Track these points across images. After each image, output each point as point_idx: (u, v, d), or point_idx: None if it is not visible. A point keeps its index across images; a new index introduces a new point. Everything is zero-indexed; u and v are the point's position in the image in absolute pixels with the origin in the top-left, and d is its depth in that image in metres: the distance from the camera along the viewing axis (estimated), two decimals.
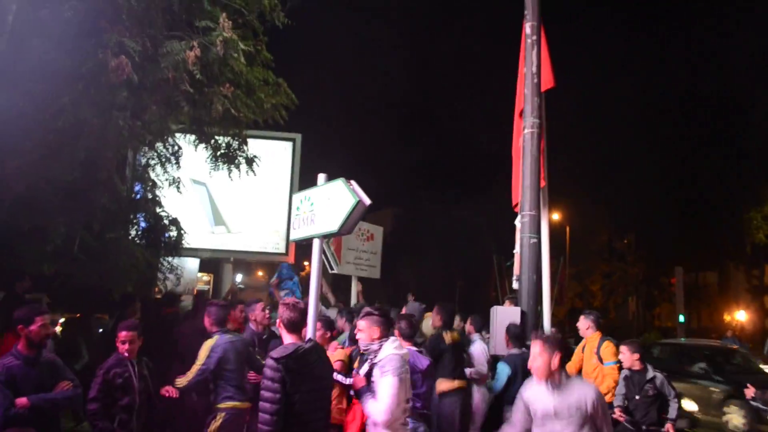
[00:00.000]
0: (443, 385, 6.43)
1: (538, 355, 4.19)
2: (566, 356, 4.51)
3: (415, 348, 5.48)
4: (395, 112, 64.38)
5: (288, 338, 4.11)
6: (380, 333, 4.42)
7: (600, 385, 6.93)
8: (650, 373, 6.67)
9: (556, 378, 4.14)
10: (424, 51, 67.42)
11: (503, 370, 6.82)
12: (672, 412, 6.61)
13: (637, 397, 6.64)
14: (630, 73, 57.14)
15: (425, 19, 68.65)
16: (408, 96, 67.65)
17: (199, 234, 12.81)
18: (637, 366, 6.68)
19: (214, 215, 13.50)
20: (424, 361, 5.42)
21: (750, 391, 6.90)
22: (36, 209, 6.72)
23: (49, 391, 4.49)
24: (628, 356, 6.71)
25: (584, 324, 7.48)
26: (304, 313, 4.21)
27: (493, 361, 7.30)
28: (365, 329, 4.46)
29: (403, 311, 7.20)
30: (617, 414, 6.61)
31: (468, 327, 7.77)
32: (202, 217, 13.36)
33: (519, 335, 7.01)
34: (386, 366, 4.19)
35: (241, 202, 13.32)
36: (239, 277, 20.71)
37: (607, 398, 6.90)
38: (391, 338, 4.50)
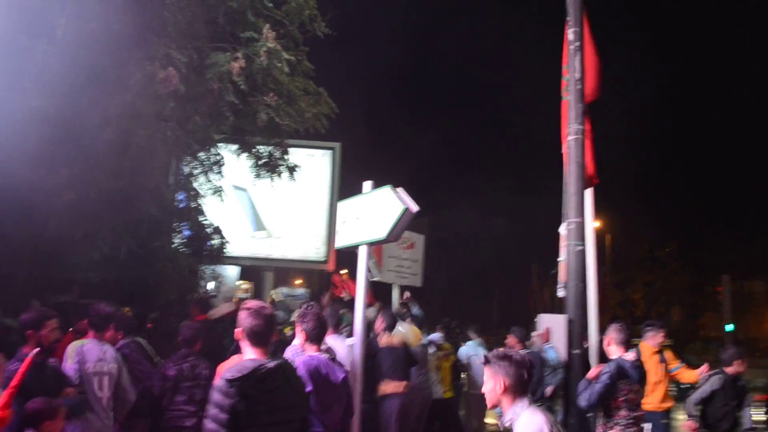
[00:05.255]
0: (386, 386, 6.58)
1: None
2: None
3: (326, 356, 4.63)
4: (435, 121, 64.38)
5: (250, 352, 3.26)
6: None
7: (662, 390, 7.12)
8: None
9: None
10: (468, 58, 67.22)
11: None
12: (747, 422, 6.44)
13: (731, 404, 6.44)
14: (674, 75, 56.30)
15: (475, 26, 68.40)
16: (449, 105, 67.61)
17: (240, 239, 12.93)
18: (742, 371, 6.52)
19: (255, 220, 13.60)
20: (339, 374, 4.48)
21: None
22: (85, 217, 6.85)
23: (54, 398, 4.35)
24: (738, 364, 6.53)
25: (662, 337, 7.42)
26: (270, 321, 3.28)
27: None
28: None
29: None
30: (691, 427, 6.45)
31: (510, 340, 7.72)
32: (243, 222, 13.45)
33: (525, 336, 7.43)
34: None
35: (281, 207, 13.34)
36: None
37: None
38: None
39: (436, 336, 9.07)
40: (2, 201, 6.37)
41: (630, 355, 5.13)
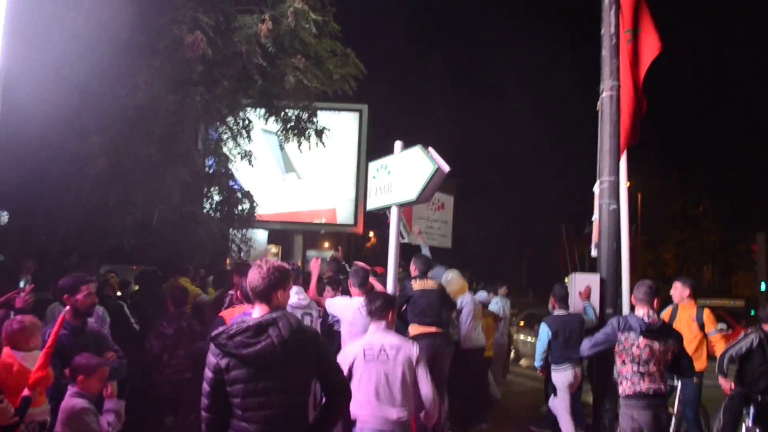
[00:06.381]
0: (412, 329, 6.64)
1: None
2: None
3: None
4: (461, 79, 63.27)
5: (253, 309, 3.18)
6: None
7: (706, 353, 7.00)
8: None
9: None
10: (497, 13, 65.52)
11: (543, 331, 7.14)
12: None
13: None
14: (707, 29, 54.71)
15: None
16: (481, 64, 66.26)
17: (271, 183, 13.09)
18: None
19: (285, 163, 13.68)
20: None
21: None
22: (117, 184, 6.93)
23: None
24: None
25: (684, 291, 7.21)
26: (267, 277, 3.08)
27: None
28: None
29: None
30: (726, 385, 6.38)
31: (552, 299, 7.73)
32: (273, 166, 13.51)
33: (564, 297, 7.23)
34: None
35: (310, 152, 13.30)
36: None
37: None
38: None
39: (482, 295, 9.18)
40: (37, 170, 6.47)
41: (641, 312, 5.07)
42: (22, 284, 5.10)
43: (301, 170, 13.75)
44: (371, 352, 4.25)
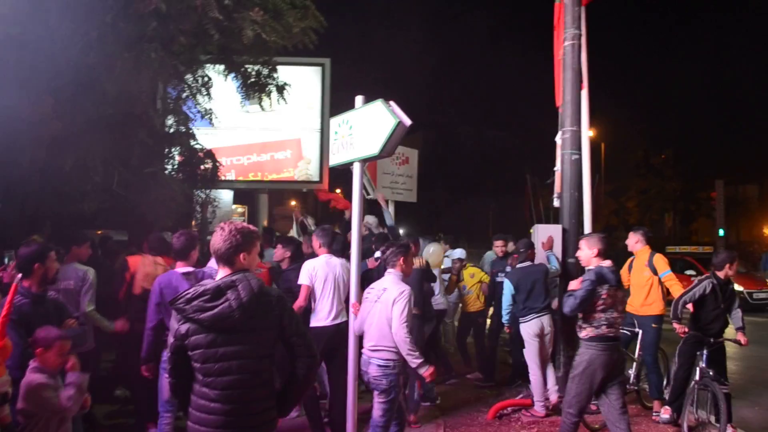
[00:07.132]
0: None
1: None
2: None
3: (183, 270, 5.17)
4: (426, 32, 62.62)
5: (220, 273, 3.08)
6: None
7: (662, 298, 7.22)
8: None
9: None
10: None
11: (506, 287, 7.30)
12: (738, 321, 6.62)
13: (722, 306, 6.56)
14: None
15: None
16: (440, 12, 65.50)
17: (233, 115, 12.58)
18: (732, 274, 6.62)
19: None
20: (184, 285, 4.85)
21: None
22: (73, 147, 6.74)
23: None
24: (729, 268, 6.61)
25: (633, 239, 7.41)
26: (228, 239, 3.03)
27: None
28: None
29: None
30: (680, 329, 6.61)
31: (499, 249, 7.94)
32: (236, 99, 13.15)
33: (520, 250, 7.43)
34: None
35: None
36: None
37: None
38: None
39: (458, 252, 9.26)
40: None
41: (607, 262, 5.31)
42: (6, 260, 5.01)
43: (265, 102, 13.33)
44: (369, 293, 4.90)
